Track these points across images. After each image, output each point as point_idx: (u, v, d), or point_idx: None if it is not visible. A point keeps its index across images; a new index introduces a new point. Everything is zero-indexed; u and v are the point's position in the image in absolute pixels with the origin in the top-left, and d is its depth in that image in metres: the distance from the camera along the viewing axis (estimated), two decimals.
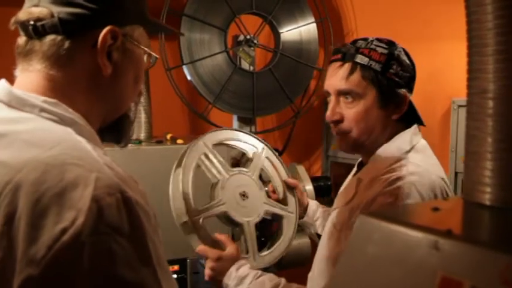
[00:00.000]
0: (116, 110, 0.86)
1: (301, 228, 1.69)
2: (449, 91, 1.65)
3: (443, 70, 1.50)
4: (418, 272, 0.55)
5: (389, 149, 1.25)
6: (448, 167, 2.00)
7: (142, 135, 1.94)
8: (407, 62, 1.25)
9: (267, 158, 1.57)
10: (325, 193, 2.22)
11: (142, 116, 1.96)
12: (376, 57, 1.21)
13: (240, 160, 2.11)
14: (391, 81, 1.21)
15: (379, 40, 1.26)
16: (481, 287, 0.49)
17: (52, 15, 0.75)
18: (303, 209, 1.62)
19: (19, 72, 0.79)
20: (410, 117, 1.28)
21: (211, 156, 1.45)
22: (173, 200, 1.36)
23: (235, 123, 2.36)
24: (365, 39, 1.27)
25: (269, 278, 1.28)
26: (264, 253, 1.48)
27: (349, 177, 1.48)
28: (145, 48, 0.87)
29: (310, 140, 2.81)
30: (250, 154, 1.56)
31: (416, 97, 2.39)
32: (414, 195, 1.12)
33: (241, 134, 1.57)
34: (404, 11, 2.32)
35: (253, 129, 2.35)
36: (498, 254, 0.50)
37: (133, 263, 0.63)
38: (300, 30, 2.40)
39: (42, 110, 0.73)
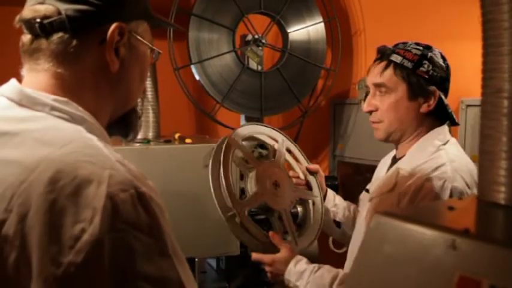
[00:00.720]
0: (124, 105, 0.86)
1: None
2: (458, 91, 1.63)
3: (451, 69, 1.49)
4: (434, 271, 0.55)
5: (427, 141, 1.39)
6: None
7: (150, 135, 1.95)
8: (442, 64, 1.39)
9: (287, 148, 1.63)
10: None
11: (151, 116, 1.96)
12: (409, 57, 1.37)
13: (247, 159, 2.11)
14: (421, 78, 1.36)
15: (417, 44, 1.42)
16: (500, 286, 0.49)
17: (59, 13, 0.74)
18: (323, 194, 1.70)
19: (26, 72, 0.78)
20: (442, 116, 1.41)
21: (242, 150, 1.52)
22: (216, 196, 1.40)
23: (243, 123, 2.36)
24: (405, 43, 1.43)
25: (327, 269, 1.37)
26: (301, 237, 1.55)
27: (379, 171, 1.61)
28: (149, 44, 0.87)
29: (318, 139, 2.80)
30: (273, 145, 1.62)
31: None
32: (458, 179, 1.25)
33: (263, 127, 1.64)
34: (412, 11, 2.31)
35: None
36: None
37: (152, 256, 0.63)
38: (308, 30, 2.39)
39: (53, 108, 0.72)
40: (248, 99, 2.27)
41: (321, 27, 2.42)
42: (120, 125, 0.88)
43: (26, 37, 0.77)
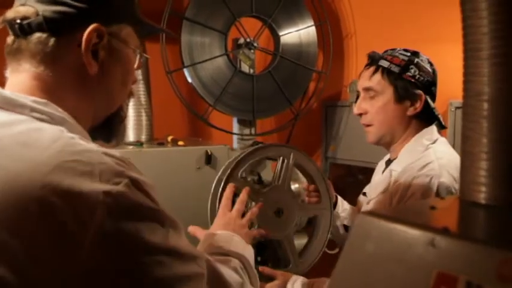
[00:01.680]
0: (105, 109, 0.87)
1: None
2: (446, 93, 1.66)
3: (440, 72, 1.52)
4: (415, 268, 0.57)
5: (416, 142, 1.46)
6: None
7: (143, 138, 1.96)
8: (428, 69, 1.46)
9: (295, 161, 1.55)
10: None
11: (144, 119, 1.98)
12: (396, 62, 1.45)
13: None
14: (407, 82, 1.43)
15: (406, 50, 1.49)
16: (476, 282, 0.51)
17: (37, 14, 0.76)
18: (333, 201, 1.71)
19: (9, 73, 0.80)
20: (429, 118, 1.48)
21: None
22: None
23: (236, 126, 2.38)
24: (393, 49, 1.50)
25: (322, 282, 1.36)
26: (303, 258, 1.54)
27: (376, 174, 1.67)
28: (133, 48, 0.88)
29: (310, 141, 2.83)
30: (279, 163, 1.53)
31: None
32: (445, 175, 1.30)
33: (260, 150, 1.52)
34: (402, 15, 2.34)
35: (253, 131, 2.37)
36: (492, 249, 0.52)
37: (159, 232, 0.67)
38: (299, 33, 2.42)
39: (33, 109, 0.73)
40: (240, 102, 2.29)
41: (312, 30, 2.45)
42: (102, 130, 0.89)
43: (10, 38, 0.79)
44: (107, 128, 0.90)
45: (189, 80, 2.17)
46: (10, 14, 0.78)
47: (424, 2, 2.21)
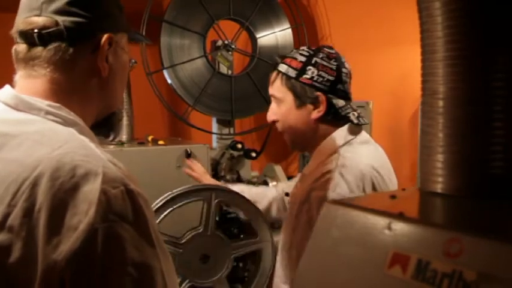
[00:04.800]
0: (108, 108, 0.94)
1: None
2: (417, 93, 1.72)
3: (412, 73, 1.58)
4: (374, 250, 0.63)
5: (324, 145, 1.37)
6: (417, 163, 2.09)
7: (124, 137, 2.00)
8: (329, 66, 1.35)
9: (221, 201, 1.48)
10: None
11: (124, 119, 2.01)
12: (294, 65, 1.36)
13: (219, 161, 2.18)
14: (305, 85, 1.34)
15: (308, 48, 1.39)
16: (426, 259, 0.58)
17: (57, 24, 0.82)
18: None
19: (21, 78, 0.85)
20: (338, 119, 1.37)
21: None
22: None
23: (215, 126, 2.42)
24: (297, 49, 1.41)
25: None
26: None
27: None
28: (128, 54, 0.96)
29: None
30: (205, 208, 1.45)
31: (387, 99, 2.49)
32: (342, 186, 1.23)
33: (189, 192, 1.44)
34: (376, 17, 2.41)
35: (231, 130, 2.42)
36: (440, 230, 0.58)
37: (139, 245, 0.71)
38: (276, 35, 2.48)
39: (48, 113, 0.80)
40: (219, 103, 2.34)
41: (288, 33, 2.51)
42: (101, 126, 0.95)
43: (20, 46, 0.83)
44: (106, 125, 0.96)
45: (169, 81, 2.21)
46: (24, 25, 0.83)
47: (397, 3, 2.28)
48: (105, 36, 0.85)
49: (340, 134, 1.36)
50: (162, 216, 1.38)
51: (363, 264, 0.65)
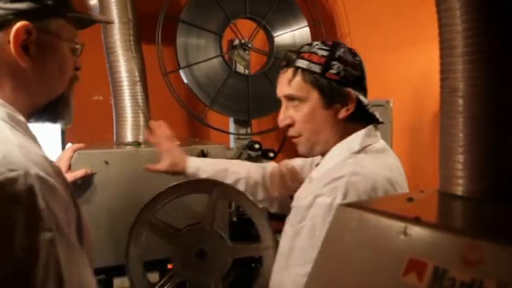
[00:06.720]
0: (44, 97, 0.92)
1: None
2: (439, 92, 1.70)
3: (434, 72, 1.54)
4: (388, 255, 0.61)
5: (338, 149, 1.26)
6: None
7: (141, 138, 1.99)
8: (353, 60, 1.25)
9: (222, 197, 1.42)
10: None
11: (141, 120, 2.01)
12: (316, 60, 1.23)
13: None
14: (332, 81, 1.22)
15: (323, 43, 1.27)
16: (443, 266, 0.55)
17: None
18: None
19: None
20: (363, 117, 1.27)
21: (154, 229, 1.38)
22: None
23: (232, 126, 2.41)
24: (310, 44, 1.29)
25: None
26: None
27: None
28: (67, 39, 0.93)
29: None
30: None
31: (408, 98, 2.45)
32: (351, 195, 1.13)
33: (187, 185, 1.44)
34: (397, 14, 2.37)
35: (249, 130, 2.40)
36: (458, 237, 0.55)
37: (30, 230, 0.70)
38: (293, 33, 2.45)
39: None
40: (236, 102, 2.32)
41: (306, 31, 2.48)
42: (47, 113, 0.94)
43: None
44: (51, 112, 0.95)
45: (185, 80, 2.20)
46: None
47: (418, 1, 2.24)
48: (15, 26, 0.82)
49: (356, 138, 1.25)
50: (160, 205, 1.38)
51: (377, 270, 0.62)
